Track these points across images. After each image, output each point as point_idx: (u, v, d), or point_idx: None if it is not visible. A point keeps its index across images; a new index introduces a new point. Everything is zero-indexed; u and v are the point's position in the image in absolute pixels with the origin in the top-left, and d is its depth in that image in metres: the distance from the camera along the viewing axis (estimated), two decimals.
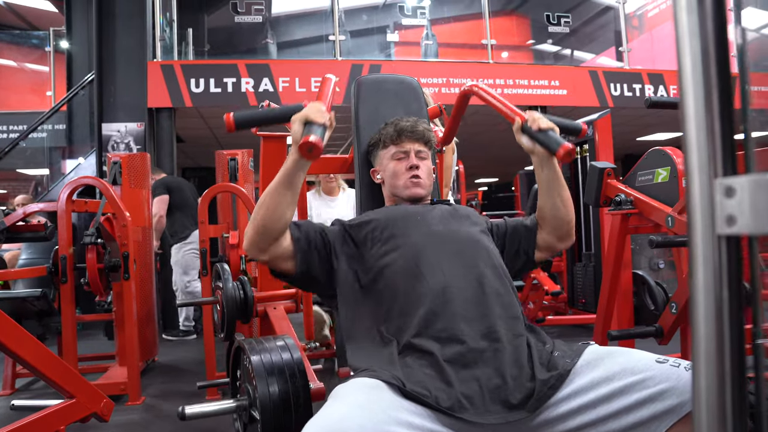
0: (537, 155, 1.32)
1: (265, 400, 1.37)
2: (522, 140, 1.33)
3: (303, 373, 1.45)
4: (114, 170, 3.15)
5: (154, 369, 3.54)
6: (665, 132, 8.05)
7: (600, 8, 7.43)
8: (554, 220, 1.38)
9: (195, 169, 8.72)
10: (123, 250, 2.77)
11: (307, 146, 1.07)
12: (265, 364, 1.42)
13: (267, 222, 1.19)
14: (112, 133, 4.92)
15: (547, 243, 1.42)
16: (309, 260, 1.27)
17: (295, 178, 1.18)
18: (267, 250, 1.23)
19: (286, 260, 1.26)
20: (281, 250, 1.24)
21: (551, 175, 1.33)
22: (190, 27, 5.78)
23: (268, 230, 1.20)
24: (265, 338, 1.57)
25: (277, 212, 1.19)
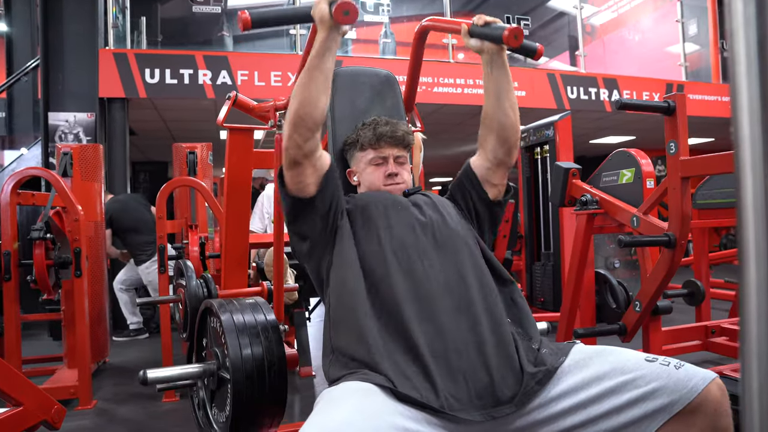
0: (486, 53, 1.27)
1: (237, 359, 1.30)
2: (471, 43, 1.28)
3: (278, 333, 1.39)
4: (64, 161, 2.97)
5: (105, 371, 3.38)
6: (617, 135, 8.32)
7: (554, 14, 7.60)
8: (502, 129, 1.31)
9: (146, 164, 8.40)
10: (75, 246, 2.62)
11: (343, 7, 1.05)
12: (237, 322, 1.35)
13: (302, 109, 1.16)
14: (60, 123, 4.65)
15: (494, 165, 1.35)
16: (327, 193, 1.23)
17: (327, 57, 1.15)
18: (303, 146, 1.18)
19: (313, 175, 1.22)
20: (317, 161, 1.21)
21: (501, 75, 1.28)
22: (143, 15, 5.55)
23: (304, 120, 1.16)
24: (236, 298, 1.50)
25: (312, 98, 1.16)
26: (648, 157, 2.36)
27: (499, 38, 1.20)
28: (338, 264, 1.21)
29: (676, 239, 1.92)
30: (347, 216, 1.28)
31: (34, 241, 2.59)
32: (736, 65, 0.42)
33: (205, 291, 1.96)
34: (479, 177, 1.37)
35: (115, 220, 4.13)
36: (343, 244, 1.22)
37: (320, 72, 1.15)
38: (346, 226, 1.25)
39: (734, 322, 2.73)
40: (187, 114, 5.88)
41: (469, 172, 1.39)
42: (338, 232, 1.25)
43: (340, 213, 1.26)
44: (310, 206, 1.23)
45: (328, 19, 1.09)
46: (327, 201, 1.24)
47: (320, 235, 1.25)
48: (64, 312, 2.92)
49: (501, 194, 1.39)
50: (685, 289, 2.93)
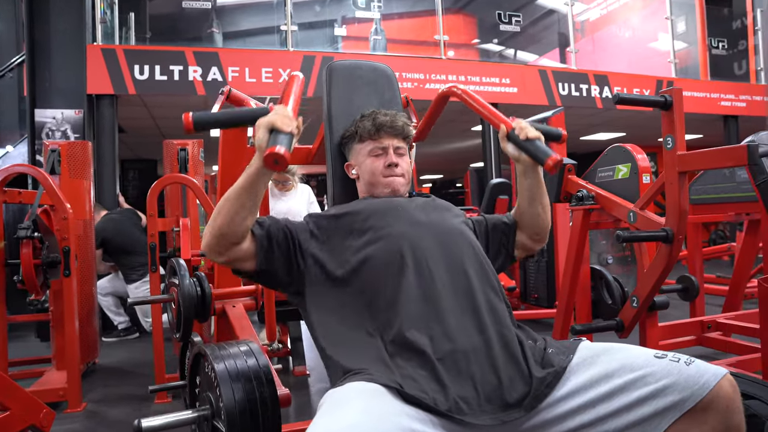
0: (522, 163, 1.32)
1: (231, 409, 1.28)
2: (507, 148, 1.32)
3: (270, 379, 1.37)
4: (52, 159, 2.91)
5: (95, 372, 3.32)
6: (607, 132, 8.35)
7: (544, 11, 7.60)
8: (534, 226, 1.41)
9: (135, 161, 8.31)
10: (63, 245, 2.57)
11: (272, 158, 1.00)
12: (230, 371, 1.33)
13: (226, 228, 1.12)
14: (47, 120, 4.57)
15: (523, 244, 1.45)
16: (270, 259, 1.20)
17: (258, 185, 1.11)
18: (224, 254, 1.16)
19: (246, 261, 1.19)
20: (242, 253, 1.17)
21: (535, 184, 1.35)
22: (132, 11, 5.48)
23: (226, 236, 1.13)
24: (228, 343, 1.48)
25: (237, 219, 1.12)
26: (644, 152, 2.35)
27: (542, 163, 1.25)
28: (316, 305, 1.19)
29: (673, 234, 1.91)
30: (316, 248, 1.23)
31: (21, 240, 2.53)
32: None
33: (199, 290, 1.92)
34: (517, 238, 1.44)
35: (108, 241, 4.08)
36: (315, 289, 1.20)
37: (249, 196, 1.11)
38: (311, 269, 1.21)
39: (730, 317, 2.73)
40: (177, 111, 5.81)
41: (512, 225, 1.44)
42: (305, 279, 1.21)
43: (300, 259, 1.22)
44: (263, 274, 1.21)
45: (262, 152, 1.04)
46: (277, 263, 1.21)
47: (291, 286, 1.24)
48: (52, 312, 2.87)
49: (522, 257, 1.48)
50: (679, 284, 2.93)
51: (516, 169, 1.36)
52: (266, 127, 1.04)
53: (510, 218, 1.44)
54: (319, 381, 2.94)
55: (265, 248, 1.18)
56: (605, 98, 6.33)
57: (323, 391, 2.77)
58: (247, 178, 1.10)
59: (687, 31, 7.50)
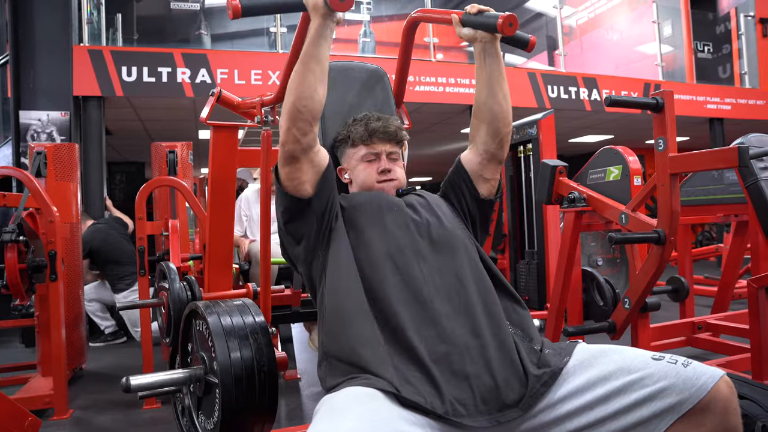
0: (479, 42, 1.26)
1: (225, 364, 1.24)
2: (463, 32, 1.26)
3: (267, 335, 1.34)
4: (38, 161, 2.87)
5: (82, 378, 3.27)
6: (596, 134, 8.41)
7: (531, 14, 7.65)
8: (495, 120, 1.30)
9: (122, 164, 8.22)
10: (50, 249, 2.52)
11: None
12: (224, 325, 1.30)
13: (299, 102, 1.13)
14: (32, 122, 4.50)
15: (485, 159, 1.33)
16: (324, 193, 1.20)
17: (323, 45, 1.13)
18: (302, 140, 1.15)
19: (310, 172, 1.18)
20: (315, 157, 1.19)
21: (494, 64, 1.26)
22: (119, 12, 5.42)
23: (301, 112, 1.13)
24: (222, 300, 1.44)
25: (310, 88, 1.13)
26: (635, 154, 2.36)
27: (493, 26, 1.19)
28: (333, 268, 1.17)
29: (665, 236, 1.92)
30: (341, 217, 1.23)
31: (6, 244, 2.48)
32: None
33: (189, 294, 1.90)
34: (470, 173, 1.35)
35: (95, 252, 4.03)
36: (338, 246, 1.18)
37: (316, 61, 1.12)
38: (341, 227, 1.21)
39: (719, 317, 2.75)
40: (165, 113, 5.77)
41: (460, 169, 1.36)
42: (333, 234, 1.21)
43: (335, 214, 1.22)
44: (307, 206, 1.19)
45: (322, 6, 1.07)
46: (324, 201, 1.20)
47: (315, 237, 1.21)
48: (38, 317, 2.82)
49: (493, 191, 1.37)
50: (669, 285, 2.95)
51: (475, 55, 1.28)
52: None
53: (454, 162, 1.39)
54: (311, 385, 2.91)
55: (327, 178, 1.21)
56: (594, 101, 6.37)
57: (315, 395, 2.76)
58: (310, 41, 1.12)
59: (673, 35, 7.58)
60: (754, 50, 7.62)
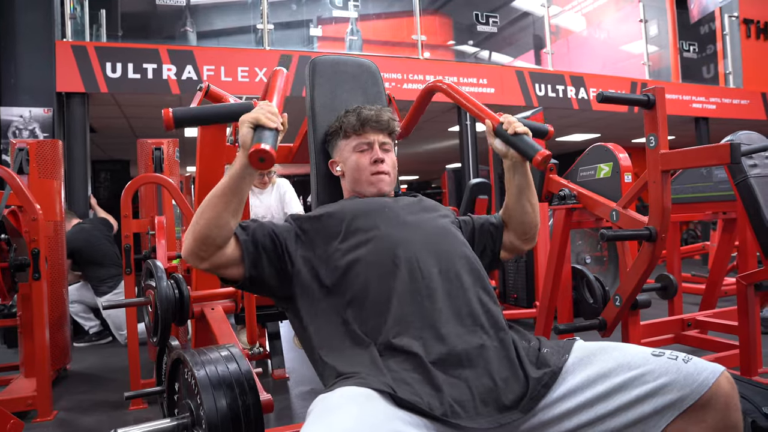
0: (510, 159, 1.30)
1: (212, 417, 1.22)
2: (495, 144, 1.30)
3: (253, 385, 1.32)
4: (20, 158, 2.80)
5: (66, 378, 3.20)
6: (583, 133, 8.46)
7: (518, 13, 7.67)
8: (522, 225, 1.38)
9: (107, 162, 8.10)
10: (32, 247, 2.47)
11: (258, 155, 0.96)
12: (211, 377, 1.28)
13: (209, 231, 1.06)
14: (14, 118, 4.41)
15: (512, 244, 1.42)
16: (258, 265, 1.14)
17: (243, 184, 1.06)
18: (208, 258, 1.10)
19: (231, 267, 1.13)
20: (225, 258, 1.12)
21: (523, 181, 1.33)
22: (103, 8, 5.34)
23: (210, 239, 1.07)
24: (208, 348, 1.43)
25: (221, 220, 1.06)
26: (625, 151, 2.36)
27: (530, 159, 1.22)
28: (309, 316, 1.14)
29: (657, 232, 1.92)
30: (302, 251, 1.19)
31: None
32: None
33: (177, 292, 1.86)
34: (504, 238, 1.41)
35: (77, 252, 3.94)
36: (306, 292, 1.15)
37: (235, 195, 1.07)
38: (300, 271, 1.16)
39: (708, 314, 2.77)
40: (150, 110, 5.69)
41: (499, 226, 1.41)
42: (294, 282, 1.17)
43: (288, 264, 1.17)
44: (252, 282, 1.16)
45: (246, 149, 1.01)
46: (264, 269, 1.15)
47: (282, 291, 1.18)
48: (20, 317, 2.75)
49: (506, 260, 1.45)
50: (658, 283, 2.96)
51: (504, 165, 1.33)
52: (250, 124, 1.00)
53: (497, 219, 1.42)
54: (300, 384, 2.88)
55: (251, 254, 1.13)
56: (581, 99, 6.40)
57: (304, 394, 2.73)
58: (232, 178, 1.05)
59: (659, 35, 7.65)
60: (739, 50, 7.71)
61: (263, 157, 0.96)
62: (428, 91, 1.72)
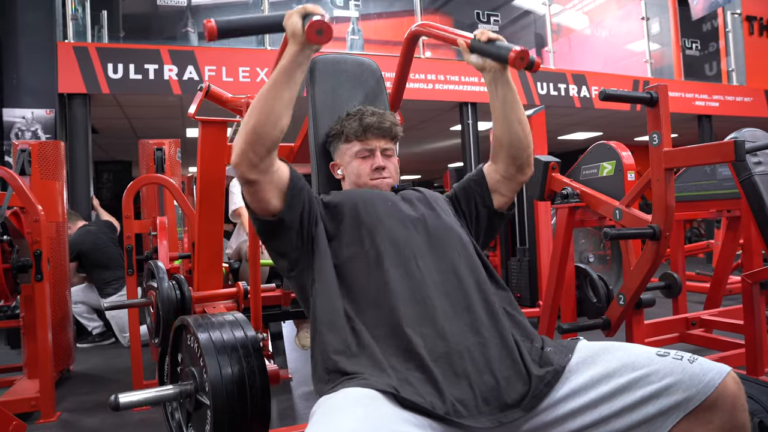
0: (489, 71, 1.21)
1: (216, 382, 1.20)
2: (471, 59, 1.22)
3: (259, 350, 1.30)
4: (22, 159, 2.80)
5: (69, 379, 3.21)
6: (585, 131, 8.44)
7: (520, 12, 7.65)
8: (512, 147, 1.27)
9: (109, 163, 8.12)
10: (35, 248, 2.46)
11: (316, 26, 0.97)
12: (215, 341, 1.26)
13: (261, 128, 1.04)
14: (16, 120, 4.41)
15: (505, 178, 1.32)
16: (294, 206, 1.13)
17: (296, 73, 1.05)
18: (259, 164, 1.07)
19: (274, 190, 1.11)
20: (273, 173, 1.10)
21: (507, 93, 1.23)
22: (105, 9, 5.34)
23: (261, 138, 1.05)
24: (212, 314, 1.41)
25: (273, 115, 1.05)
26: (628, 149, 2.35)
27: (505, 59, 1.15)
28: (320, 279, 1.13)
29: (661, 231, 1.91)
30: (329, 219, 1.19)
31: None
32: None
33: (178, 293, 1.86)
34: (489, 184, 1.33)
35: (84, 255, 3.97)
36: (321, 258, 1.14)
37: (287, 88, 1.05)
38: (321, 236, 1.16)
39: (713, 313, 2.75)
40: (152, 111, 5.69)
41: (479, 177, 1.34)
42: (315, 244, 1.16)
43: (314, 224, 1.17)
44: (280, 224, 1.14)
45: (300, 35, 1.00)
46: (296, 216, 1.14)
47: (297, 252, 1.16)
48: (23, 318, 2.75)
49: (506, 206, 1.36)
50: (662, 281, 2.94)
51: (486, 83, 1.25)
52: (300, 13, 1.01)
53: (477, 169, 1.36)
54: (303, 384, 2.88)
55: (294, 192, 1.13)
56: (583, 97, 6.38)
57: (307, 394, 2.73)
58: (283, 67, 1.04)
59: (661, 32, 7.62)
60: (741, 47, 7.68)
61: (321, 28, 0.97)
62: (410, 38, 1.62)
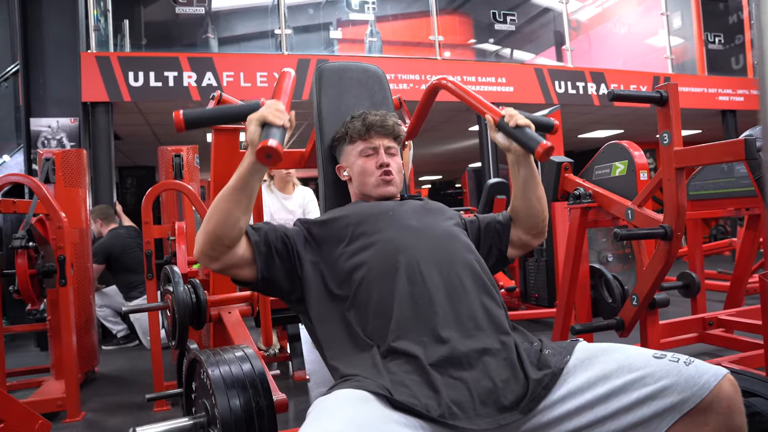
0: (513, 153, 1.29)
1: (226, 417, 1.26)
2: (497, 138, 1.30)
3: (266, 385, 1.35)
4: (46, 167, 2.90)
5: (94, 381, 3.30)
6: (606, 129, 8.33)
7: (539, 9, 7.59)
8: (529, 219, 1.37)
9: (133, 168, 8.29)
10: (59, 254, 2.55)
11: (265, 151, 0.97)
12: (225, 377, 1.32)
13: (220, 230, 1.08)
14: (42, 129, 4.56)
15: (521, 240, 1.41)
16: (270, 265, 1.16)
17: (251, 182, 1.08)
18: (220, 258, 1.12)
19: (243, 267, 1.15)
20: (237, 258, 1.14)
21: (528, 174, 1.32)
22: (126, 18, 5.47)
23: (220, 238, 1.09)
24: (223, 349, 1.46)
25: (231, 219, 1.08)
26: (641, 148, 2.33)
27: (532, 151, 1.22)
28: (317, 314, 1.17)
29: (672, 231, 1.89)
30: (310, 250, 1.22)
31: (17, 250, 2.52)
32: None
33: (194, 297, 1.91)
34: (511, 234, 1.40)
35: (114, 258, 4.09)
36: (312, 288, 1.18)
37: (244, 193, 1.08)
38: (308, 269, 1.19)
39: (731, 313, 2.70)
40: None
41: (506, 224, 1.40)
42: (304, 281, 1.19)
43: (297, 261, 1.19)
44: (265, 283, 1.18)
45: (254, 146, 1.02)
46: (276, 268, 1.17)
47: (293, 292, 1.21)
48: (49, 322, 2.85)
49: (515, 257, 1.43)
50: (680, 281, 2.91)
51: (509, 160, 1.33)
52: (258, 122, 1.02)
53: (504, 216, 1.41)
54: (320, 385, 2.91)
55: (264, 254, 1.16)
56: (602, 95, 6.31)
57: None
58: (240, 175, 1.07)
59: (683, 27, 7.48)
60: None
61: (270, 153, 0.98)
62: (432, 89, 1.72)
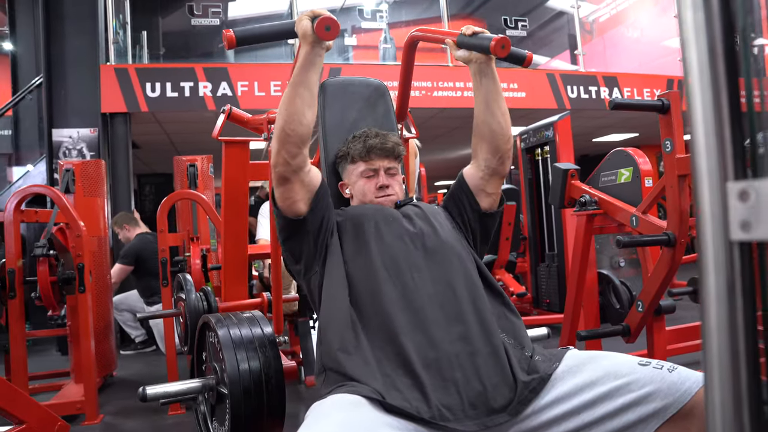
0: (474, 62, 1.29)
1: (234, 375, 1.31)
2: (458, 54, 1.29)
3: (274, 346, 1.39)
4: (66, 178, 3.00)
5: (112, 385, 3.39)
6: (620, 133, 8.28)
7: (553, 13, 7.59)
8: (494, 137, 1.32)
9: (151, 176, 8.45)
10: (78, 262, 2.64)
11: (324, 23, 1.08)
12: (233, 337, 1.36)
13: (288, 125, 1.17)
14: (64, 139, 4.70)
15: (487, 174, 1.35)
16: (318, 212, 1.24)
17: (311, 71, 1.17)
18: (291, 162, 1.19)
19: (303, 191, 1.23)
20: (306, 177, 1.22)
21: (490, 84, 1.29)
22: (144, 30, 5.61)
23: (290, 136, 1.17)
24: (234, 312, 1.51)
25: (297, 113, 1.17)
26: (645, 155, 2.35)
27: (487, 48, 1.21)
28: (328, 283, 1.22)
29: (675, 238, 1.91)
30: (337, 232, 1.28)
31: (38, 257, 2.61)
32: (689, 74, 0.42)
33: (205, 304, 1.97)
34: (472, 187, 1.37)
35: (143, 261, 4.14)
36: (333, 262, 1.23)
37: (304, 87, 1.16)
38: (335, 244, 1.25)
39: None
40: (188, 126, 5.93)
41: (462, 183, 1.39)
42: (329, 250, 1.25)
43: (330, 231, 1.27)
44: (302, 225, 1.24)
45: (311, 34, 1.11)
46: (318, 220, 1.24)
47: (312, 255, 1.26)
48: (69, 327, 2.94)
49: (495, 205, 1.39)
50: (690, 286, 2.90)
51: (472, 75, 1.31)
52: (308, 16, 1.12)
53: (457, 177, 1.41)
54: None
55: (320, 198, 1.25)
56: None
57: None
58: (299, 66, 1.16)
59: None
60: None
61: (329, 24, 1.07)
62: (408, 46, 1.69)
